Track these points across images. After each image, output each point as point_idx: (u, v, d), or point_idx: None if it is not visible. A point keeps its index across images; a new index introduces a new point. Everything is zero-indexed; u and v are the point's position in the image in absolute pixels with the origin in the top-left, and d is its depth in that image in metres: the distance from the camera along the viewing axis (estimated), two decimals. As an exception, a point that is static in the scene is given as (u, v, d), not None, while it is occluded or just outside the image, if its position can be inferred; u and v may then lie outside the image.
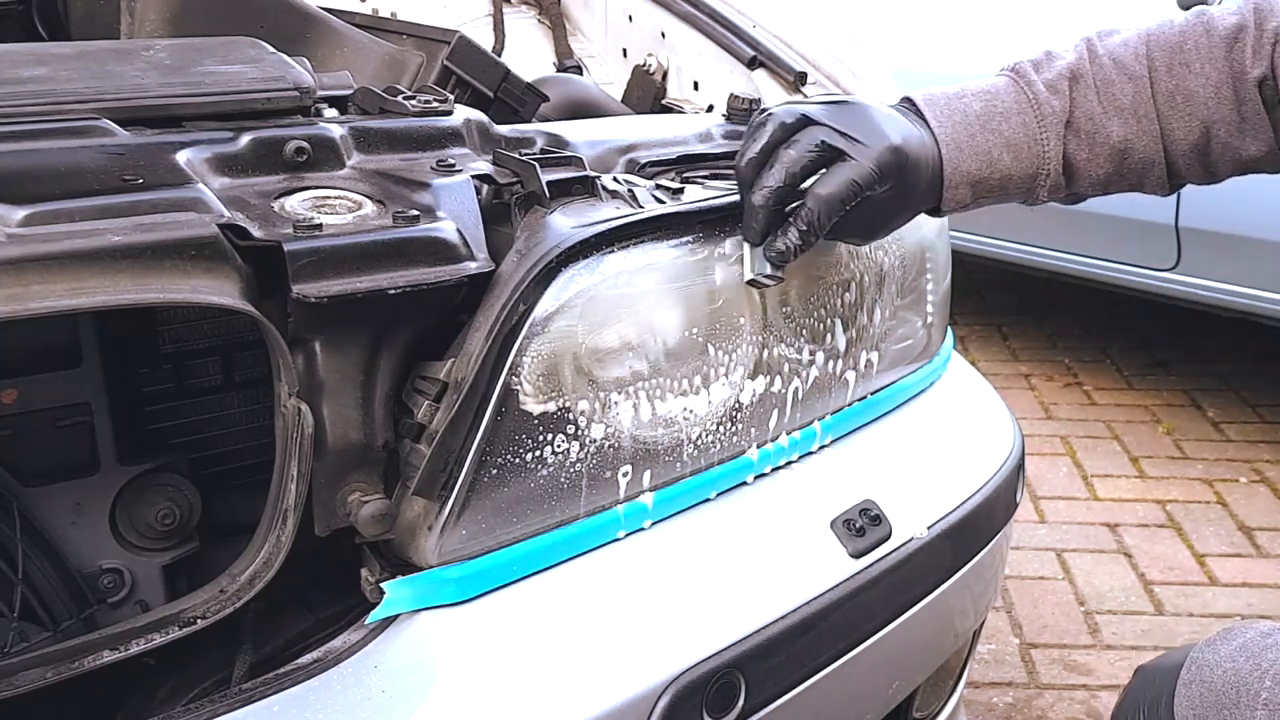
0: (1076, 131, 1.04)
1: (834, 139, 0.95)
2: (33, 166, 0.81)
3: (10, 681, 0.82)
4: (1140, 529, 2.63)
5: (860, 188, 0.95)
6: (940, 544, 1.19)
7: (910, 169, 0.97)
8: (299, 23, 1.40)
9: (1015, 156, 1.02)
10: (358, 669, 0.86)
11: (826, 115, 0.96)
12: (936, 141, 1.00)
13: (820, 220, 0.95)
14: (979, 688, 2.07)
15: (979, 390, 1.50)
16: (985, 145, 1.01)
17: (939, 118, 1.01)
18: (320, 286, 0.81)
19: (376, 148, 0.98)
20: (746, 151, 0.97)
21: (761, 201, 0.95)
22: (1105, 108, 1.04)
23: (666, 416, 1.01)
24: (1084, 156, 1.04)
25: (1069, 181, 1.06)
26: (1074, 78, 1.04)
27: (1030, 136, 1.02)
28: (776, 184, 0.95)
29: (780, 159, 0.95)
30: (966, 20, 3.40)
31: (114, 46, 1.05)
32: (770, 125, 0.97)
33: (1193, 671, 1.02)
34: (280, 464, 0.86)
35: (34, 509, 1.00)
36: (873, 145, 0.95)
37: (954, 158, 1.01)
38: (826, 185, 0.95)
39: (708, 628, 0.97)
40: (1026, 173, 1.03)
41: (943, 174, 1.01)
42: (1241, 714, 0.95)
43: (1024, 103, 1.03)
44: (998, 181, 1.03)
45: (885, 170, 0.95)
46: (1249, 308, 2.93)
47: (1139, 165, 1.05)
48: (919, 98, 1.03)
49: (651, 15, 1.69)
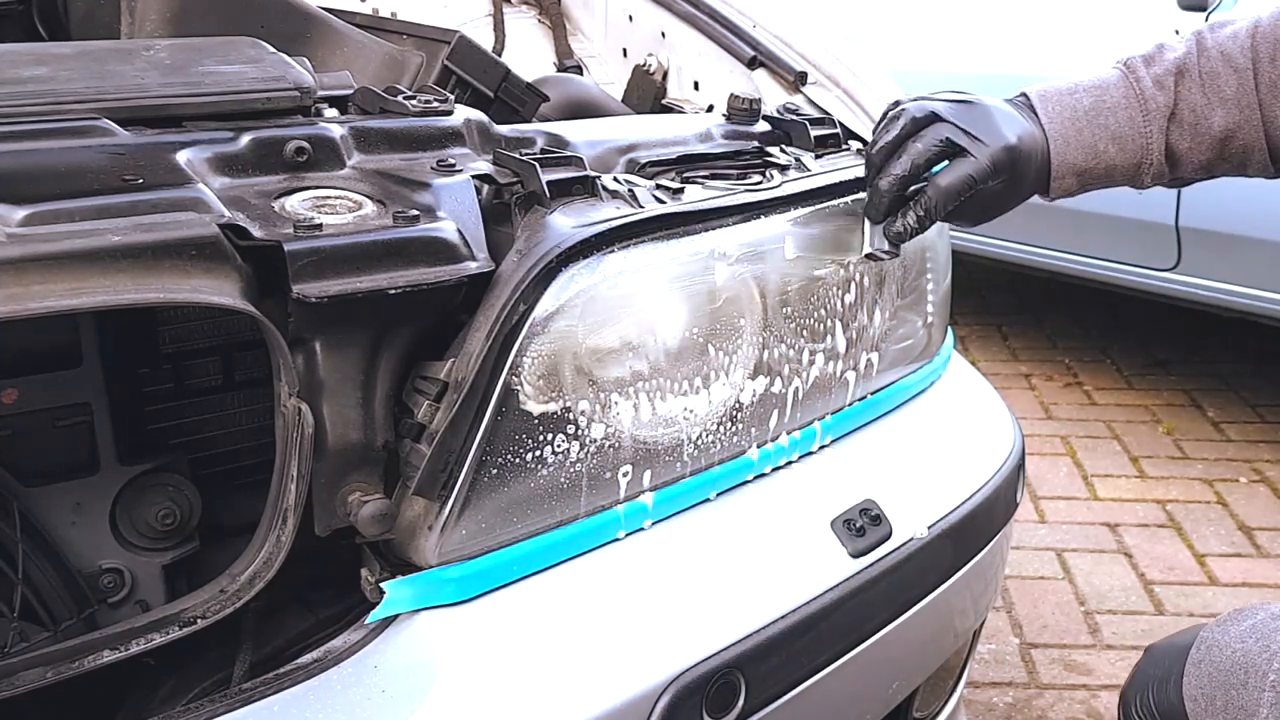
0: (1180, 123, 1.10)
1: (957, 136, 1.03)
2: (33, 166, 0.81)
3: (10, 681, 0.82)
4: (1140, 529, 2.63)
5: (976, 181, 1.03)
6: (940, 544, 1.19)
7: (1022, 164, 1.06)
8: (299, 23, 1.40)
9: (1120, 148, 1.09)
10: (358, 669, 0.86)
11: (952, 113, 1.04)
12: (1046, 136, 1.08)
13: (937, 208, 1.04)
14: (979, 687, 2.07)
15: (979, 390, 1.50)
16: (1092, 139, 1.08)
17: (1049, 113, 1.08)
18: (320, 286, 0.81)
19: (377, 148, 0.98)
20: (879, 140, 1.07)
21: (887, 186, 1.05)
22: (1209, 99, 1.09)
23: (667, 416, 1.01)
24: (1186, 145, 1.11)
25: (1172, 168, 1.12)
26: (1180, 72, 1.10)
27: (1135, 129, 1.09)
28: (902, 172, 1.04)
29: (908, 150, 1.05)
30: (966, 20, 3.39)
31: (114, 46, 1.05)
32: (903, 119, 1.05)
33: (1202, 651, 1.03)
34: (280, 464, 0.86)
35: (34, 509, 1.00)
36: (990, 144, 1.03)
37: (1061, 151, 1.08)
38: (947, 177, 1.04)
39: (708, 628, 0.97)
40: (1131, 162, 1.10)
41: (1050, 165, 1.08)
42: (1250, 694, 0.96)
43: (1131, 97, 1.09)
44: (1103, 171, 1.10)
45: (999, 167, 1.04)
46: (1249, 308, 2.93)
47: (1240, 150, 1.11)
48: (1034, 94, 1.10)
49: (652, 15, 1.69)
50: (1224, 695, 0.99)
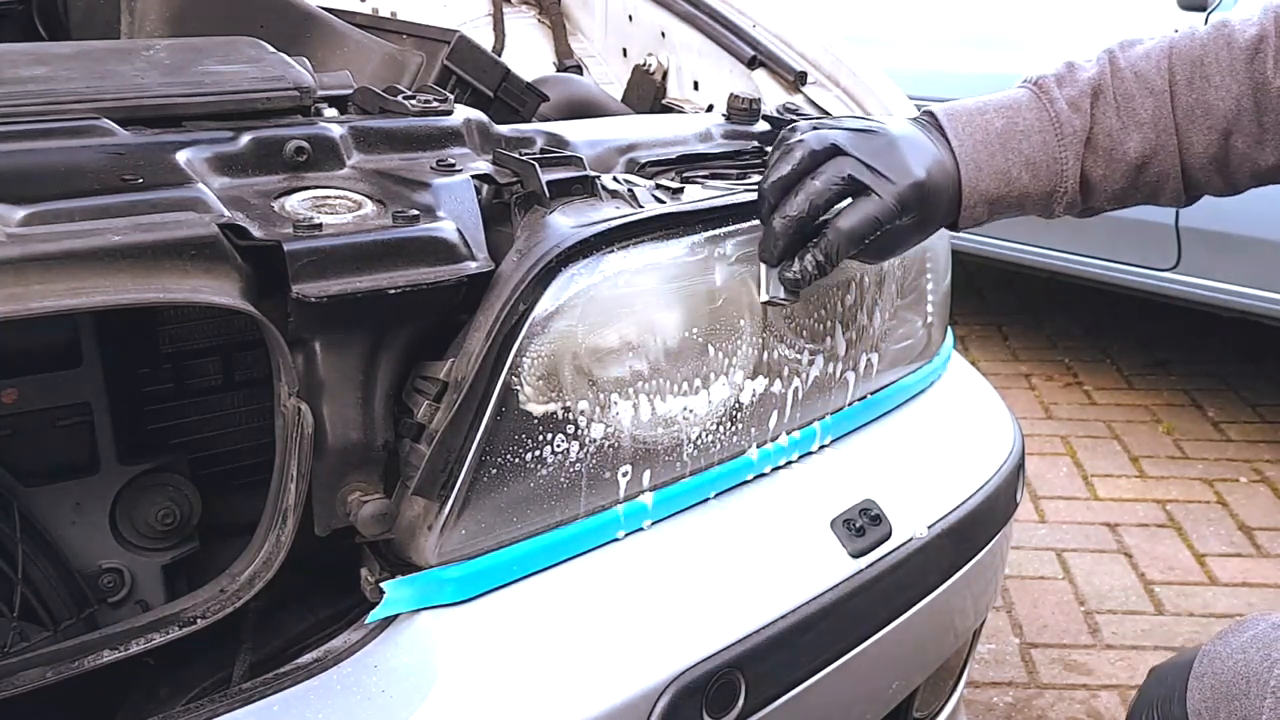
0: (1095, 149, 1.04)
1: (860, 173, 0.95)
2: (33, 166, 0.81)
3: (10, 681, 0.82)
4: (1140, 529, 2.63)
5: (881, 223, 0.96)
6: (940, 544, 1.19)
7: (931, 199, 0.98)
8: (299, 22, 1.40)
9: (1034, 175, 1.02)
10: (357, 669, 0.86)
11: (854, 145, 0.96)
12: (956, 161, 1.01)
13: (839, 252, 0.96)
14: (979, 687, 2.07)
15: (979, 390, 1.50)
16: (1005, 165, 1.02)
17: (960, 135, 1.01)
18: (320, 286, 0.81)
19: (376, 147, 0.98)
20: (772, 174, 0.98)
21: (782, 228, 0.97)
22: (1124, 123, 1.04)
23: (666, 416, 1.01)
24: (1101, 173, 1.05)
25: (1085, 197, 1.06)
26: (1095, 93, 1.04)
27: (1050, 155, 1.03)
28: (799, 213, 0.96)
29: (806, 188, 0.96)
30: (965, 20, 3.39)
31: (114, 46, 1.05)
32: (799, 151, 0.97)
33: (1204, 664, 1.02)
34: (280, 464, 0.86)
35: (34, 509, 0.99)
36: (897, 181, 0.96)
37: (973, 178, 1.01)
38: (849, 219, 0.96)
39: (707, 627, 0.97)
40: (1044, 190, 1.04)
41: (960, 194, 1.01)
42: (1252, 703, 0.95)
43: (1045, 120, 1.03)
44: (1015, 199, 1.03)
45: (907, 205, 0.96)
46: (1249, 308, 2.93)
47: (1155, 179, 1.06)
48: (941, 115, 1.03)
49: (652, 15, 1.69)
50: (1227, 706, 0.98)
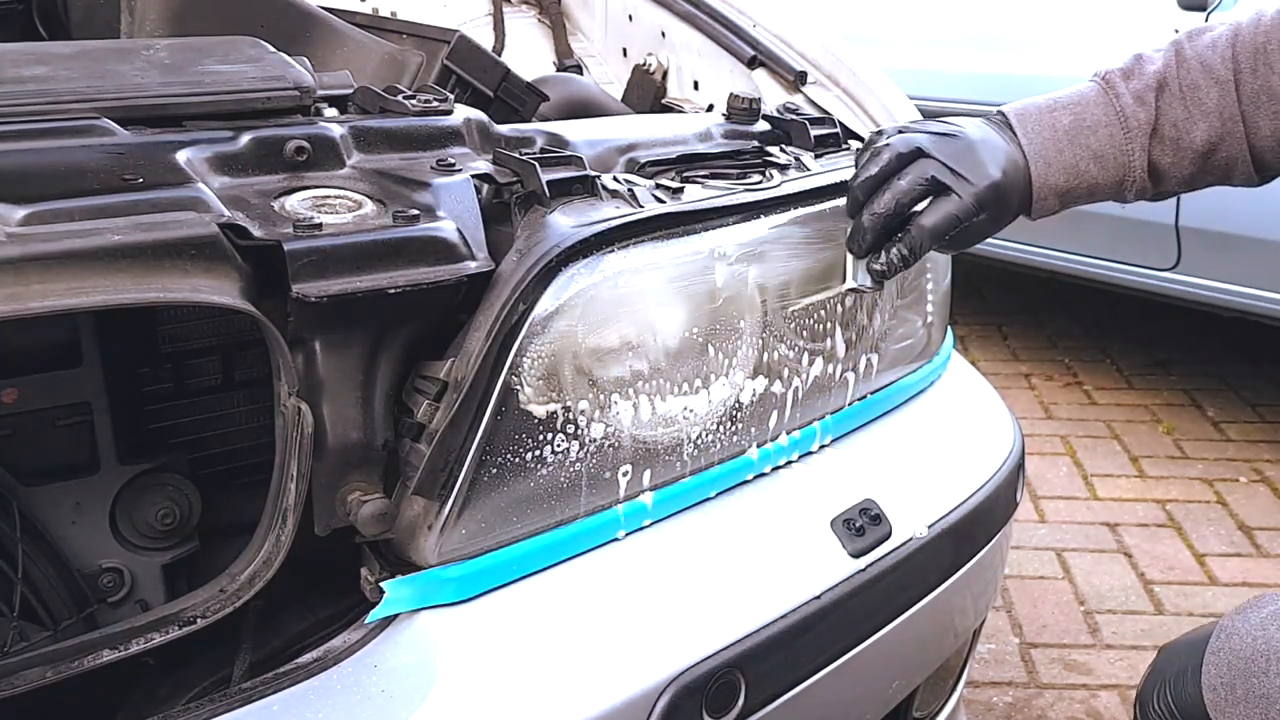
0: (1161, 139, 1.08)
1: (943, 174, 1.02)
2: (33, 166, 0.81)
3: (10, 681, 0.82)
4: (1140, 529, 2.63)
5: (960, 221, 1.02)
6: (940, 543, 1.19)
7: (1005, 197, 1.04)
8: (299, 22, 1.40)
9: (1102, 167, 1.07)
10: (357, 668, 0.86)
11: (937, 148, 1.02)
12: (1026, 158, 1.05)
13: (922, 246, 1.03)
14: (979, 687, 2.07)
15: (979, 390, 1.50)
16: (1073, 159, 1.06)
17: (1029, 134, 1.06)
18: (320, 286, 0.81)
19: (376, 147, 0.98)
20: (862, 174, 1.05)
21: (870, 223, 1.03)
22: (1190, 112, 1.07)
23: (666, 416, 1.01)
24: (1169, 161, 1.09)
25: (1155, 183, 1.10)
26: (1160, 86, 1.08)
27: (1117, 147, 1.07)
28: (886, 210, 1.03)
29: (893, 187, 1.03)
30: (965, 19, 3.39)
31: (114, 46, 1.05)
32: (886, 155, 1.03)
33: (1221, 640, 1.03)
34: (280, 463, 0.86)
35: (34, 508, 1.00)
36: (976, 182, 1.02)
37: (1043, 173, 1.06)
38: (931, 217, 1.02)
39: (707, 627, 0.97)
40: (1113, 180, 1.08)
41: (1032, 188, 1.06)
42: (1271, 680, 0.96)
43: (1111, 115, 1.07)
44: (1085, 190, 1.08)
45: (984, 204, 1.02)
46: (1249, 307, 2.93)
47: (1224, 163, 1.10)
48: (1012, 114, 1.08)
49: (652, 14, 1.69)
50: (1244, 683, 0.98)
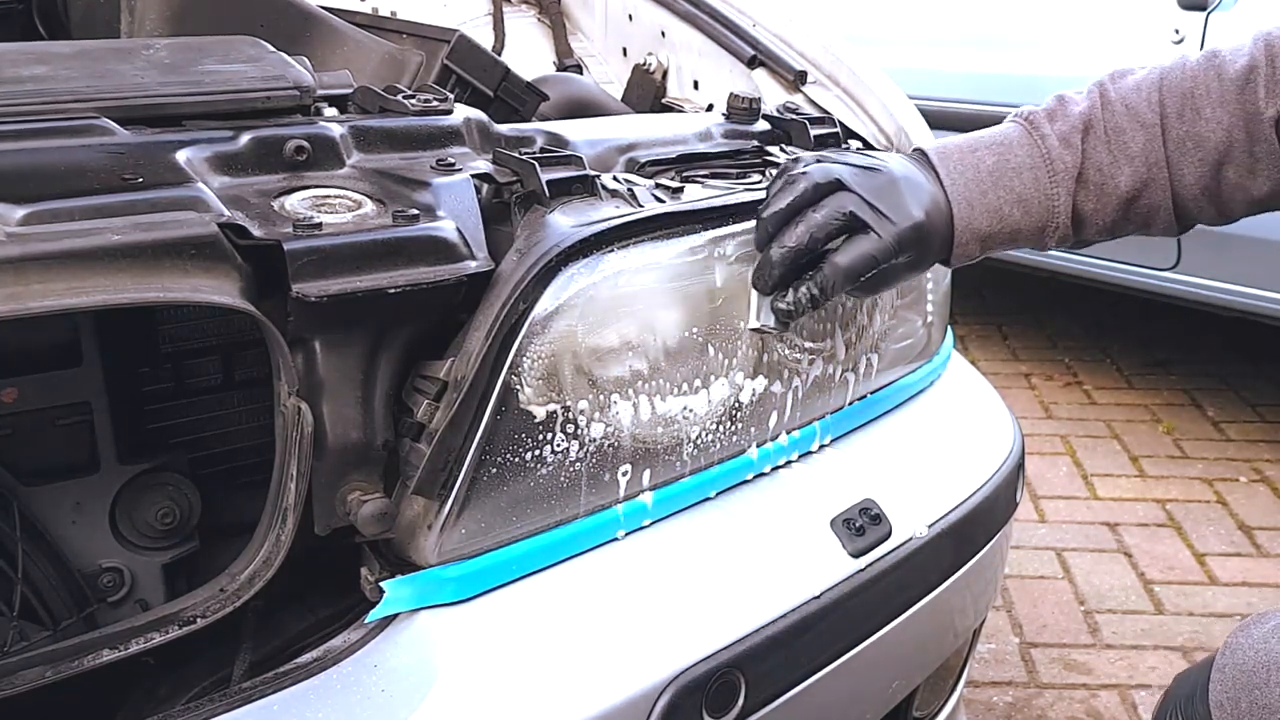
0: (1086, 184, 1.04)
1: (862, 210, 0.96)
2: (32, 165, 0.81)
3: (10, 680, 0.82)
4: (1140, 528, 2.63)
5: (878, 261, 0.97)
6: (940, 543, 1.19)
7: (926, 239, 0.99)
8: (299, 22, 1.40)
9: (1025, 211, 1.03)
10: (357, 668, 0.86)
11: (858, 182, 0.97)
12: (949, 199, 1.01)
13: (835, 287, 0.97)
14: (979, 687, 2.07)
15: (979, 389, 1.50)
16: (996, 202, 1.02)
17: (952, 175, 1.02)
18: (320, 286, 0.81)
19: (376, 147, 0.98)
20: (773, 203, 0.99)
21: (780, 258, 0.97)
22: (1115, 157, 1.04)
23: (666, 416, 1.01)
24: (1092, 207, 1.05)
25: (1077, 230, 1.06)
26: (1086, 128, 1.04)
27: (1041, 191, 1.03)
28: (798, 244, 0.97)
29: (806, 220, 0.97)
30: (965, 19, 3.39)
31: (114, 45, 1.05)
32: (802, 184, 0.97)
33: (1226, 656, 1.03)
34: (280, 463, 0.86)
35: (34, 508, 1.00)
36: (898, 221, 0.96)
37: (965, 216, 1.01)
38: (847, 256, 0.96)
39: (707, 627, 0.97)
40: (1035, 226, 1.04)
41: (953, 231, 1.01)
42: (1272, 691, 0.96)
43: (1036, 157, 1.03)
44: (1007, 235, 1.03)
45: (904, 246, 0.97)
46: (1249, 307, 2.93)
47: (1146, 210, 1.06)
48: (933, 154, 1.04)
49: (651, 14, 1.69)
50: (1248, 696, 0.98)
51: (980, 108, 3.19)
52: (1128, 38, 2.96)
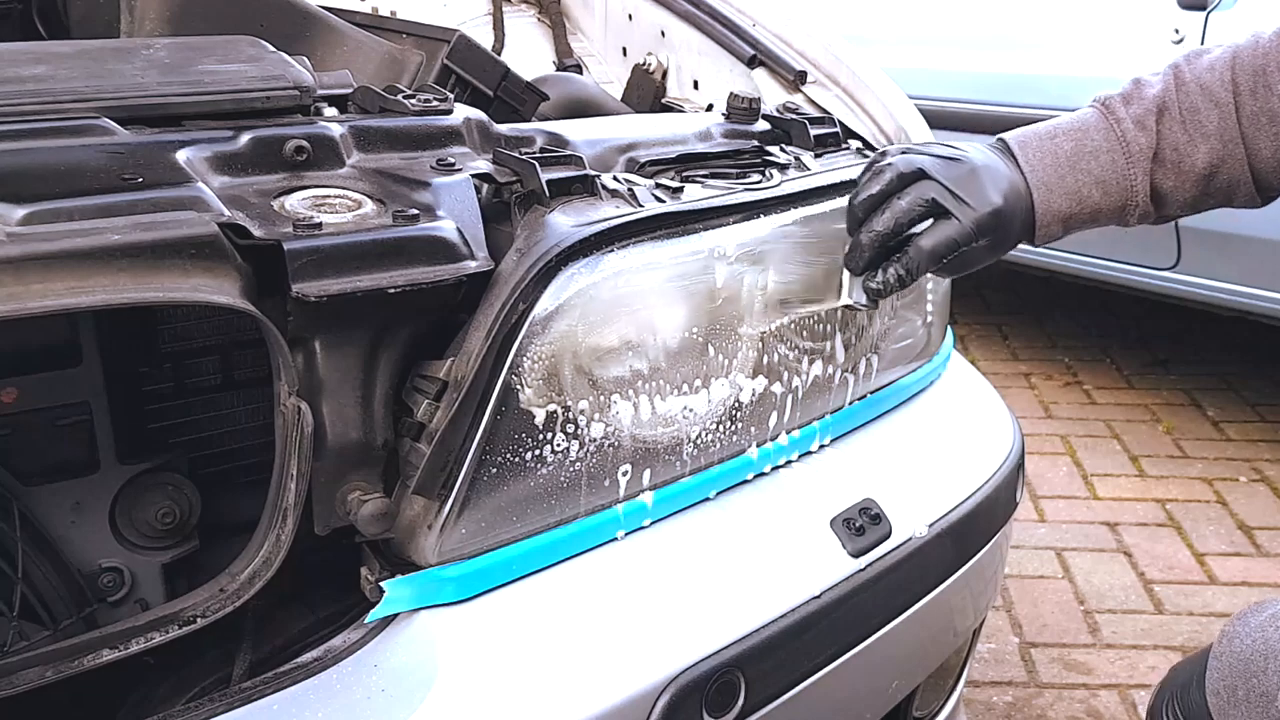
0: (1163, 163, 1.08)
1: (943, 197, 1.01)
2: (32, 165, 0.81)
3: (10, 680, 0.82)
4: (1140, 528, 2.63)
5: (959, 245, 1.02)
6: (940, 543, 1.19)
7: (1006, 224, 1.04)
8: (299, 21, 1.40)
9: (1104, 192, 1.07)
10: (357, 668, 0.86)
11: (939, 171, 1.02)
12: (1028, 185, 1.06)
13: (919, 268, 1.03)
14: (979, 687, 2.07)
15: (979, 389, 1.50)
16: (1075, 185, 1.07)
17: (1030, 161, 1.06)
18: (320, 285, 0.81)
19: (376, 146, 0.98)
20: (863, 192, 1.04)
21: (868, 241, 1.03)
22: (1191, 136, 1.08)
23: (666, 416, 1.01)
24: (1171, 184, 1.09)
25: (1158, 207, 1.11)
26: (1161, 110, 1.08)
27: (1119, 173, 1.07)
28: (884, 229, 1.02)
29: (892, 207, 1.02)
30: (965, 19, 3.39)
31: (113, 45, 1.05)
32: (888, 174, 1.03)
33: (1223, 645, 1.04)
34: (280, 463, 0.86)
35: (34, 508, 1.00)
36: (977, 208, 1.01)
37: (1045, 199, 1.06)
38: (930, 239, 1.02)
39: (707, 627, 0.97)
40: (1115, 205, 1.09)
41: (1035, 215, 1.06)
42: (1269, 678, 0.97)
43: (1113, 140, 1.08)
44: (1088, 215, 1.08)
45: (984, 230, 1.02)
46: (1249, 307, 2.93)
47: (1225, 185, 1.10)
48: (1013, 141, 1.08)
49: (651, 14, 1.69)
50: (1245, 684, 0.99)
51: (980, 108, 3.19)
52: (1128, 37, 2.96)
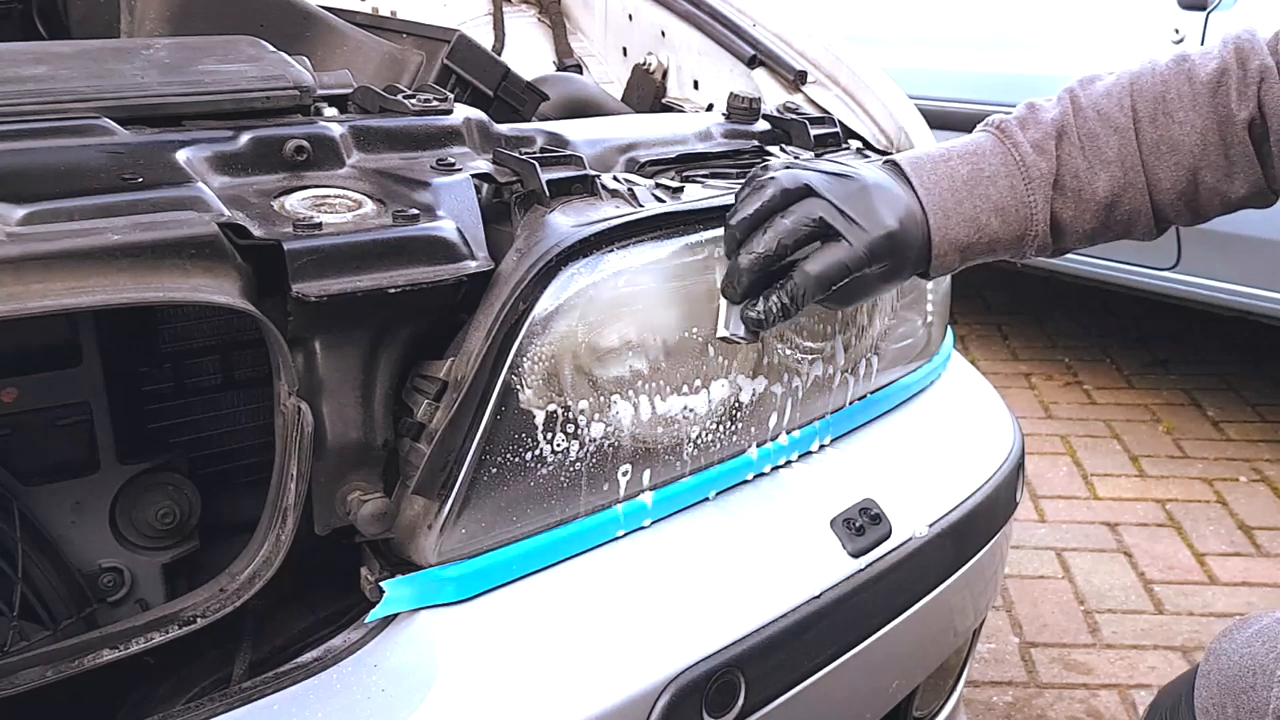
0: (1063, 190, 1.02)
1: (833, 217, 0.93)
2: (32, 165, 0.81)
3: (10, 680, 0.82)
4: (1140, 528, 2.63)
5: (849, 270, 0.93)
6: (940, 543, 1.19)
7: (901, 248, 0.96)
8: (299, 21, 1.40)
9: (1003, 220, 1.00)
10: (357, 668, 0.86)
11: (828, 189, 0.94)
12: (924, 210, 0.98)
13: (806, 295, 0.94)
14: (979, 687, 2.07)
15: (979, 389, 1.50)
16: (973, 211, 0.99)
17: (926, 184, 0.99)
18: (320, 285, 0.81)
19: (376, 146, 0.98)
20: (741, 209, 0.95)
21: (748, 265, 0.94)
22: (1091, 162, 1.02)
23: (666, 415, 1.01)
24: (1071, 214, 1.03)
25: (1056, 239, 1.04)
26: (1060, 135, 1.02)
27: (1018, 199, 1.00)
28: (766, 251, 0.93)
29: (775, 226, 0.93)
30: (965, 19, 3.39)
31: (114, 45, 1.05)
32: (771, 189, 0.94)
33: (1210, 663, 1.03)
34: (280, 463, 0.86)
35: (34, 508, 1.00)
36: (870, 230, 0.93)
37: (942, 226, 0.98)
38: (817, 263, 0.93)
39: (707, 627, 0.97)
40: (1014, 234, 1.01)
41: (930, 242, 0.99)
42: (1258, 695, 0.96)
43: (1011, 165, 1.01)
44: (986, 244, 1.01)
45: (877, 254, 0.94)
46: (1249, 306, 2.93)
47: (1126, 216, 1.04)
48: (905, 163, 1.01)
49: (651, 14, 1.69)
50: (1234, 701, 0.98)
51: (980, 108, 3.19)
52: (1128, 38, 2.96)
